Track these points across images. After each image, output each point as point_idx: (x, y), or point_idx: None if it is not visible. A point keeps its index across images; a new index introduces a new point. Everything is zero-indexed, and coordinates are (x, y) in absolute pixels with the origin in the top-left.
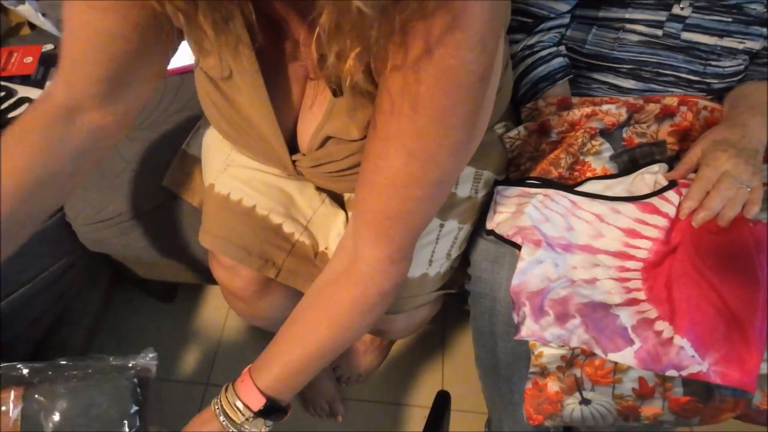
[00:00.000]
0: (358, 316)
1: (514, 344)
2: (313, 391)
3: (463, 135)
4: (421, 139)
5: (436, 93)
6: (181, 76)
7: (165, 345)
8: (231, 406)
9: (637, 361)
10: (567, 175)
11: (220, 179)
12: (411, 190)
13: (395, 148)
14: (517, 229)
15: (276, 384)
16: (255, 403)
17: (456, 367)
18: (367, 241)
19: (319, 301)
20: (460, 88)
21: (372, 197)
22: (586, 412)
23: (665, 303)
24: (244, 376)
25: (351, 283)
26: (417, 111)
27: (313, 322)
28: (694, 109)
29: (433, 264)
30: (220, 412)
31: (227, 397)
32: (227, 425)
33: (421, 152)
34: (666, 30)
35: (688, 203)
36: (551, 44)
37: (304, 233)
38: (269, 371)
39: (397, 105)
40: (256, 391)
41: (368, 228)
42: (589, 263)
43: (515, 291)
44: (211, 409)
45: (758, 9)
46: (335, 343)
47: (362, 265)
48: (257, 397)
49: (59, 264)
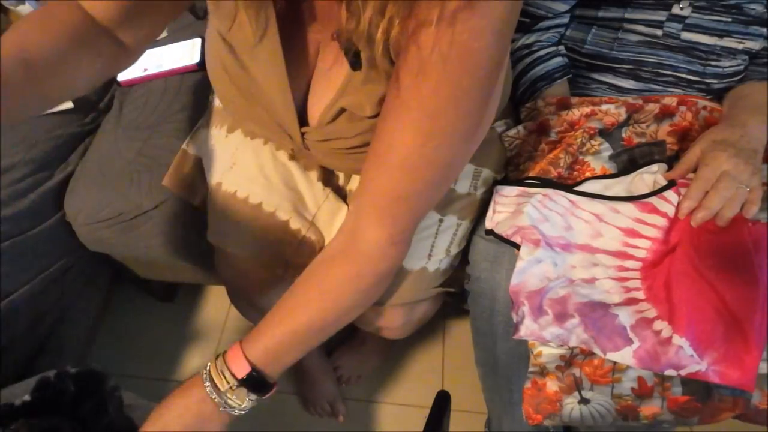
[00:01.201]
0: (351, 294)
1: (514, 344)
2: (314, 392)
3: (476, 119)
4: (438, 119)
5: (458, 74)
6: (181, 76)
7: (165, 345)
8: (218, 372)
9: (635, 361)
10: (566, 174)
11: (226, 178)
12: (422, 171)
13: (411, 128)
14: (516, 229)
15: (264, 356)
16: (240, 370)
17: (456, 367)
18: (370, 220)
19: (314, 278)
20: (480, 71)
21: (382, 177)
22: (585, 412)
23: (664, 302)
24: (234, 346)
25: (348, 261)
26: (437, 91)
27: (305, 297)
28: (694, 109)
29: (432, 259)
30: (206, 378)
31: (216, 364)
32: (211, 391)
33: (436, 133)
34: (666, 30)
35: (687, 203)
36: (550, 44)
37: (311, 229)
38: (258, 342)
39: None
40: (243, 360)
41: (373, 208)
42: (588, 263)
43: (514, 290)
44: (199, 377)
45: (758, 9)
46: (324, 321)
47: (362, 244)
48: (243, 365)
49: (59, 264)
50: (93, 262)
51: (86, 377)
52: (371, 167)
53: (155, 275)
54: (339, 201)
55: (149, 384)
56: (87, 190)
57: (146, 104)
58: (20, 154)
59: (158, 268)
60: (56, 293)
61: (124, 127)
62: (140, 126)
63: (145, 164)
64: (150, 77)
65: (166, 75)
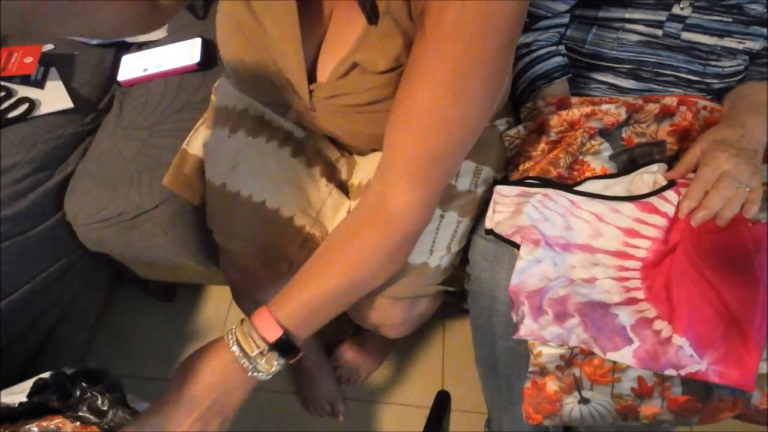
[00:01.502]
0: (380, 258)
1: (513, 343)
2: (314, 391)
3: (503, 78)
4: (469, 79)
5: (489, 32)
6: (181, 76)
7: (165, 345)
8: (246, 336)
9: (635, 361)
10: (566, 174)
11: (230, 178)
12: (454, 131)
13: (443, 89)
14: (515, 229)
15: (293, 319)
16: (271, 334)
17: (456, 367)
18: (400, 185)
19: (343, 241)
20: (505, 32)
21: (412, 140)
22: (585, 412)
23: (664, 302)
24: (261, 311)
25: (378, 224)
26: (467, 51)
27: (334, 260)
28: (694, 109)
29: (434, 254)
30: (233, 342)
31: (243, 328)
32: (240, 356)
33: (468, 92)
34: (666, 30)
35: (687, 203)
36: (549, 43)
37: (315, 225)
38: (287, 305)
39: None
40: (274, 323)
41: (404, 172)
42: (588, 262)
43: (514, 290)
44: (223, 341)
45: (758, 9)
46: (353, 284)
47: (392, 208)
48: (274, 329)
49: (59, 264)
50: (93, 262)
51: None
52: (399, 132)
53: (155, 275)
54: (342, 196)
55: (149, 384)
56: (87, 189)
57: (146, 104)
58: (20, 154)
59: (158, 268)
60: (56, 293)
61: (124, 127)
62: (140, 126)
63: (146, 164)
64: (150, 77)
65: (166, 75)
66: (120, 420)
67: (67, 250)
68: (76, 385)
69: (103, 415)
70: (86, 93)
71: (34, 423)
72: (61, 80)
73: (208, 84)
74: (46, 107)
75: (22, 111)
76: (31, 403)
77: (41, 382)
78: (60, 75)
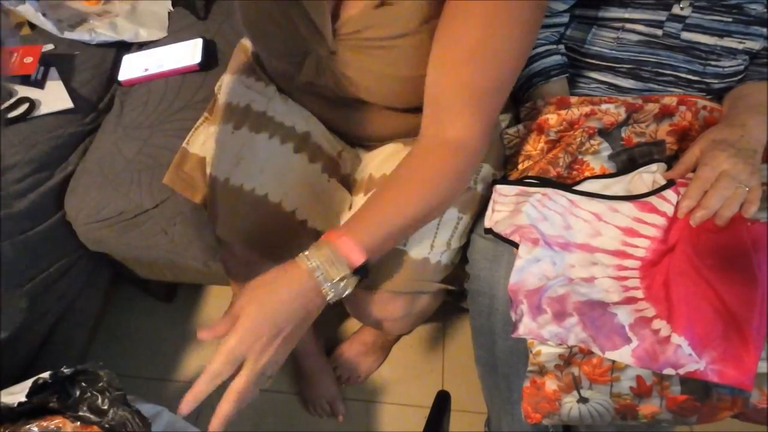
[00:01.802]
0: (450, 183)
1: (513, 342)
2: (314, 392)
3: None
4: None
5: None
6: (182, 76)
7: (165, 345)
8: (331, 262)
9: (634, 360)
10: (565, 174)
11: (233, 173)
12: (507, 61)
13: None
14: (514, 228)
15: (372, 245)
16: (356, 260)
17: (456, 367)
18: (463, 116)
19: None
20: None
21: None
22: (584, 411)
23: (663, 301)
24: (337, 237)
25: (446, 156)
26: None
27: (407, 191)
28: (693, 108)
29: (434, 250)
30: (317, 268)
31: (324, 253)
32: (323, 281)
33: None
34: (666, 30)
35: (686, 202)
36: (548, 42)
37: (317, 219)
38: (366, 232)
39: None
40: (357, 249)
41: (465, 104)
42: (587, 262)
43: (513, 289)
44: (299, 266)
45: (758, 9)
46: (428, 211)
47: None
48: (358, 255)
49: (59, 264)
50: (93, 262)
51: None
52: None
53: (155, 275)
54: (344, 191)
55: (149, 384)
56: (87, 189)
57: (147, 104)
58: (20, 154)
59: (158, 268)
60: (56, 293)
61: (124, 127)
62: (141, 125)
63: (146, 163)
64: (151, 77)
65: (167, 75)
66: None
67: (67, 250)
68: (75, 385)
69: (103, 414)
70: (86, 93)
71: (34, 423)
72: (61, 80)
73: (208, 84)
74: (46, 107)
75: (22, 111)
76: (30, 404)
77: (40, 382)
78: (60, 75)
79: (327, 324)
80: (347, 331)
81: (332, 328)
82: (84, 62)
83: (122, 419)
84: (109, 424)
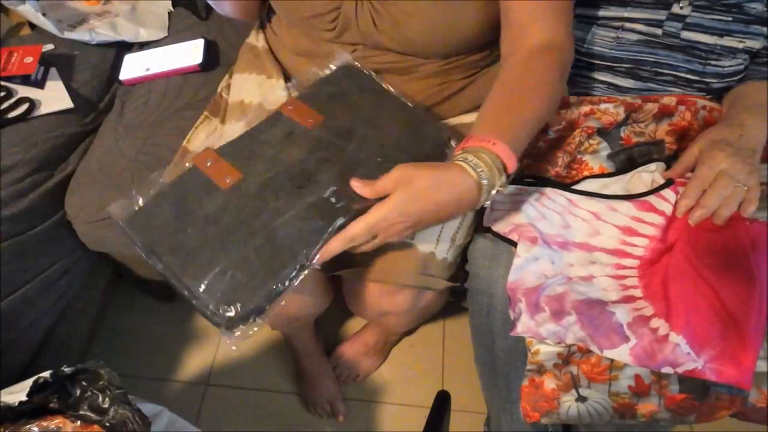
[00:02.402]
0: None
1: (512, 341)
2: (314, 392)
3: None
4: None
5: None
6: (183, 76)
7: (165, 345)
8: (494, 168)
9: (632, 358)
10: (564, 173)
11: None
12: None
13: None
14: (513, 227)
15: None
16: (512, 166)
17: (456, 367)
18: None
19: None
20: None
21: None
22: (583, 410)
23: (661, 300)
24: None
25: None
26: None
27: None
28: (693, 108)
29: (440, 244)
30: (483, 173)
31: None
32: (485, 190)
33: None
34: (665, 29)
35: (684, 201)
36: None
37: None
38: (513, 135)
39: None
40: (513, 155)
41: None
42: (585, 260)
43: (511, 287)
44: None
45: (758, 8)
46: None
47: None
48: (513, 160)
49: (59, 264)
50: (93, 262)
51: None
52: None
53: (155, 275)
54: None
55: (149, 384)
56: (88, 188)
57: (148, 103)
58: (20, 154)
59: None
60: (56, 293)
61: (125, 126)
62: (142, 125)
63: (147, 163)
64: (152, 77)
65: (168, 75)
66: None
67: (67, 250)
68: (76, 384)
69: (104, 413)
70: (86, 93)
71: (34, 423)
72: (61, 80)
73: (209, 84)
74: (46, 107)
75: (22, 111)
76: (31, 403)
77: (41, 381)
78: (60, 75)
79: (327, 324)
80: (348, 331)
81: (332, 328)
82: (84, 62)
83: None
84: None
